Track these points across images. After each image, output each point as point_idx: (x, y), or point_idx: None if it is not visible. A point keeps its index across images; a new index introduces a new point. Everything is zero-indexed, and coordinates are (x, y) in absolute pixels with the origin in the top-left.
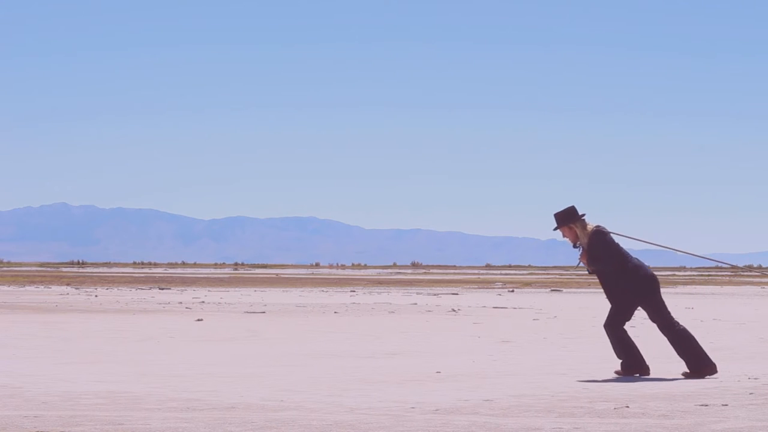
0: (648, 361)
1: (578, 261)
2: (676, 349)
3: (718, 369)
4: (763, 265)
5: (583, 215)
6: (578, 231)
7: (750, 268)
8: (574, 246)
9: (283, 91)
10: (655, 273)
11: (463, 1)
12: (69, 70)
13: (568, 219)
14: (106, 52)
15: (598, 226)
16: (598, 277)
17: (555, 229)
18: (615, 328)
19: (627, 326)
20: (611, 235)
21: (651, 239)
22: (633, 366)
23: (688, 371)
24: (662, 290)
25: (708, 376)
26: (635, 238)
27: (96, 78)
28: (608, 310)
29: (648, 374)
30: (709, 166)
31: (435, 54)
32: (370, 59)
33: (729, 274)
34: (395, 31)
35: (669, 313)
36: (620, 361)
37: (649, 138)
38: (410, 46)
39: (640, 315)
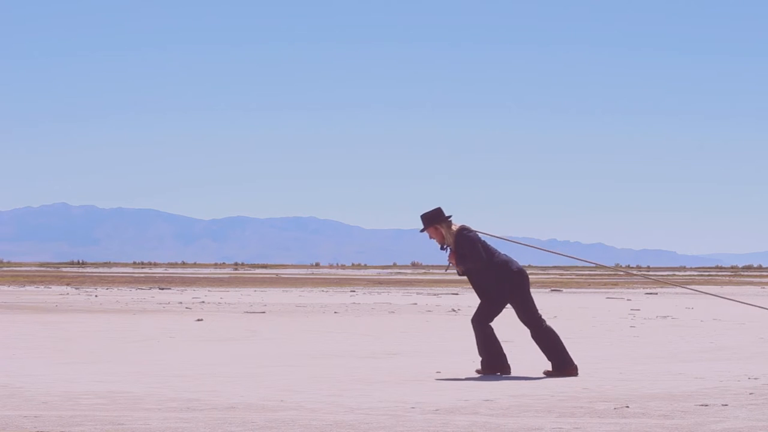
0: (647, 361)
1: (448, 263)
2: (541, 348)
3: (578, 372)
4: (763, 265)
5: (450, 216)
6: (444, 231)
7: (618, 268)
8: (442, 248)
9: (283, 91)
10: (659, 273)
11: (463, 2)
12: (69, 70)
13: (433, 220)
14: (106, 52)
15: (462, 226)
16: (469, 277)
17: (422, 230)
18: (482, 324)
19: (628, 328)
20: (477, 233)
21: (653, 238)
22: (494, 365)
23: (550, 370)
24: (663, 290)
25: (568, 377)
26: (501, 237)
27: (96, 78)
28: (477, 306)
29: (509, 373)
30: (708, 166)
31: (435, 54)
32: (370, 59)
33: (729, 274)
34: (396, 31)
35: (537, 311)
36: (481, 359)
37: (649, 138)
38: (411, 46)
39: (640, 316)
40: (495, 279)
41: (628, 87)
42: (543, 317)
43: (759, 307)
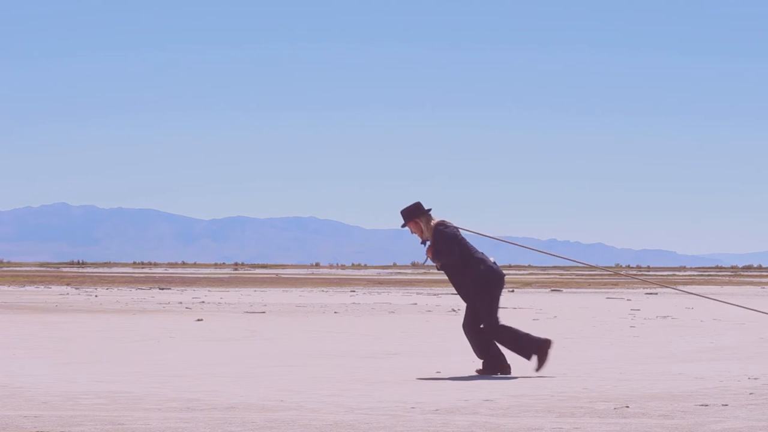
0: (647, 361)
1: (425, 256)
2: (504, 346)
3: (511, 371)
4: (763, 265)
5: (429, 210)
6: (423, 225)
7: (608, 268)
8: (422, 242)
9: (283, 91)
10: (659, 273)
11: (463, 2)
12: (69, 70)
13: (413, 214)
14: (106, 52)
15: (441, 221)
16: (446, 273)
17: (403, 225)
18: (474, 329)
19: (628, 328)
20: (456, 229)
21: (653, 238)
22: (494, 366)
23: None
24: (663, 290)
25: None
26: (479, 232)
27: (96, 78)
28: (465, 311)
29: (509, 373)
30: (708, 166)
31: (435, 54)
32: (370, 59)
33: (729, 274)
34: (396, 31)
35: (496, 313)
36: (481, 360)
37: (649, 138)
38: (411, 46)
39: (640, 316)
40: (469, 276)
41: (628, 87)
42: (500, 320)
43: (746, 308)
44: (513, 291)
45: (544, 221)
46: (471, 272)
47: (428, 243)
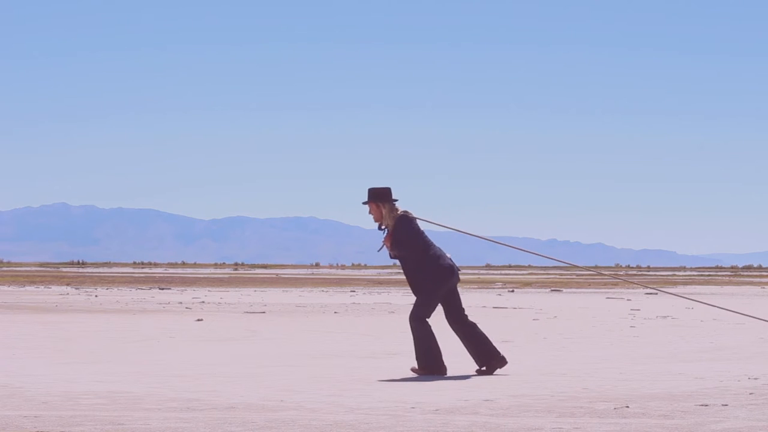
0: (647, 361)
1: (381, 244)
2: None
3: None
4: (763, 265)
5: (396, 200)
6: (384, 212)
7: (588, 268)
8: (379, 228)
9: (283, 91)
10: (659, 273)
11: (463, 2)
12: (69, 70)
13: (378, 197)
14: (106, 52)
15: (405, 211)
16: (401, 264)
17: (364, 203)
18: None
19: (628, 328)
20: (417, 221)
21: (653, 238)
22: (488, 360)
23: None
24: (662, 290)
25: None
26: (440, 224)
27: (96, 78)
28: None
29: (506, 363)
30: (708, 166)
31: (435, 54)
32: (370, 59)
33: (729, 274)
34: (396, 31)
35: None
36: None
37: (649, 138)
38: (411, 46)
39: (640, 316)
40: (424, 272)
41: (628, 87)
42: (429, 318)
43: (723, 308)
44: (513, 291)
45: (544, 221)
46: (427, 268)
47: (386, 230)
